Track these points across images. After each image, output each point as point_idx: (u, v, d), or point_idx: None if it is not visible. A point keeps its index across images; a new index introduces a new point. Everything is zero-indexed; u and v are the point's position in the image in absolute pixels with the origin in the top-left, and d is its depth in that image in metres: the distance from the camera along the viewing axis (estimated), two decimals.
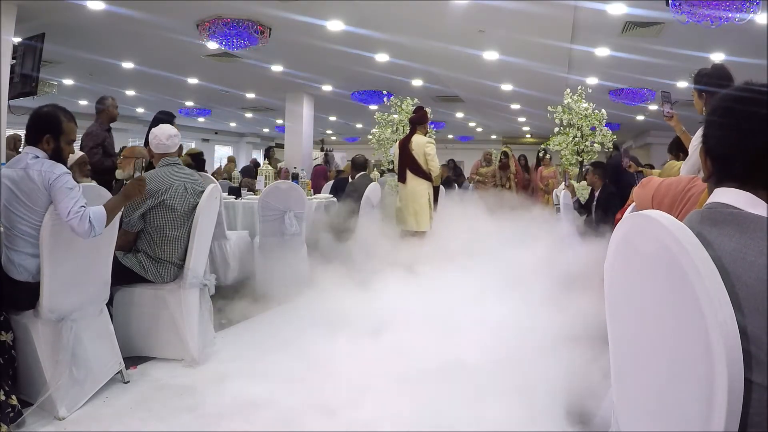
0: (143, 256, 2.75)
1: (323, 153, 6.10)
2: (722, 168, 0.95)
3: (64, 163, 2.23)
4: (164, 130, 2.93)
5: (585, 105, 6.56)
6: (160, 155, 2.91)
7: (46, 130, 2.19)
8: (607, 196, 4.76)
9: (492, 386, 2.30)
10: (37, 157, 2.16)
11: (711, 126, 0.97)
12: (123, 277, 2.67)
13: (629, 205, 3.33)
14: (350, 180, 6.27)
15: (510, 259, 4.37)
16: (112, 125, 4.53)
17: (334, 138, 20.47)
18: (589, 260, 3.92)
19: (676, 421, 0.86)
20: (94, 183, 3.84)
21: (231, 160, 11.19)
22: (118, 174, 3.62)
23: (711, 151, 0.97)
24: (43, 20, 6.02)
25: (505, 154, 8.64)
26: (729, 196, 0.90)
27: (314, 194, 6.03)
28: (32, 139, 2.20)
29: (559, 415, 2.11)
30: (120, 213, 2.45)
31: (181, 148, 3.03)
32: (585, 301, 3.09)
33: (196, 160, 4.81)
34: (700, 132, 1.55)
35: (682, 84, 9.04)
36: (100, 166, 4.18)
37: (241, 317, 3.53)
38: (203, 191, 2.89)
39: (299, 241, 4.30)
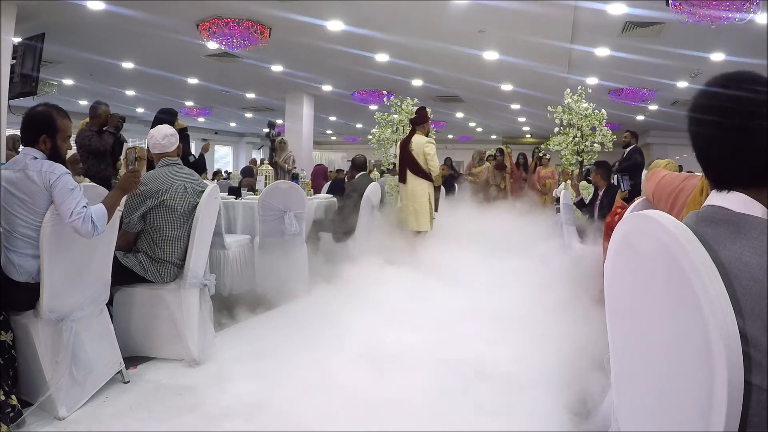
0: (143, 256, 2.75)
1: (270, 140, 5.84)
2: (708, 169, 0.95)
3: (63, 161, 2.23)
4: (160, 129, 2.95)
5: (585, 105, 6.56)
6: (159, 155, 2.92)
7: (42, 130, 2.19)
8: (611, 196, 4.74)
9: (502, 396, 2.30)
10: (36, 158, 2.15)
11: (691, 124, 0.96)
12: (123, 277, 2.67)
13: (617, 207, 3.34)
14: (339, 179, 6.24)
15: (508, 261, 4.38)
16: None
17: (334, 138, 20.48)
18: (589, 260, 3.93)
19: (676, 421, 0.86)
20: (87, 180, 3.87)
21: (253, 162, 11.15)
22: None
23: (697, 151, 0.96)
24: (43, 20, 6.03)
25: (500, 151, 8.47)
26: (723, 199, 0.90)
27: (314, 194, 6.02)
28: (29, 140, 2.20)
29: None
30: (120, 213, 2.45)
31: (179, 147, 3.02)
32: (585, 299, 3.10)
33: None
34: None
35: (682, 84, 9.05)
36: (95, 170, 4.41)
37: (241, 317, 3.53)
38: (203, 191, 2.89)
39: (299, 241, 4.30)
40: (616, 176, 5.10)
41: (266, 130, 6.03)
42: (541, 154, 8.77)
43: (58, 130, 2.22)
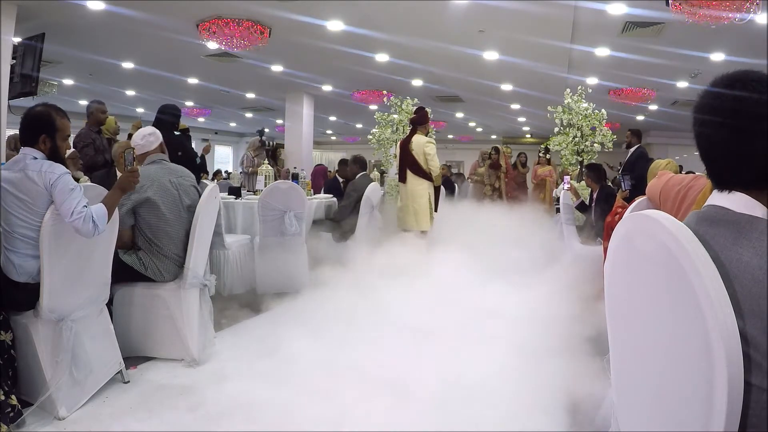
0: (142, 253, 2.77)
1: (266, 149, 5.96)
2: (711, 168, 0.94)
3: (63, 161, 2.23)
4: (140, 131, 3.02)
5: (585, 105, 6.56)
6: (142, 156, 2.96)
7: (41, 129, 2.19)
8: (606, 196, 4.77)
9: (498, 391, 2.30)
10: (36, 158, 2.16)
11: (695, 124, 0.96)
12: (123, 274, 2.67)
13: (617, 207, 3.35)
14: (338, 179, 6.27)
15: (508, 261, 4.38)
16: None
17: (334, 138, 20.48)
18: (589, 259, 3.93)
19: (676, 421, 0.86)
20: (88, 180, 3.85)
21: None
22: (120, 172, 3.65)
23: (701, 151, 0.96)
24: (43, 20, 6.03)
25: (495, 149, 8.38)
26: (724, 199, 0.90)
27: (314, 194, 6.02)
28: (28, 140, 2.20)
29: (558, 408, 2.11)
30: (119, 212, 2.46)
31: (162, 144, 3.07)
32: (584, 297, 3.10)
33: (183, 137, 4.68)
34: None
35: (682, 84, 9.05)
36: (91, 162, 4.33)
37: (241, 317, 3.53)
38: (192, 184, 2.95)
39: (299, 241, 4.30)
40: (618, 176, 5.10)
41: (258, 141, 6.10)
42: (540, 154, 8.78)
43: (58, 129, 2.22)
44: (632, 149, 6.19)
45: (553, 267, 4.30)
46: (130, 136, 4.66)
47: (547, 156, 8.78)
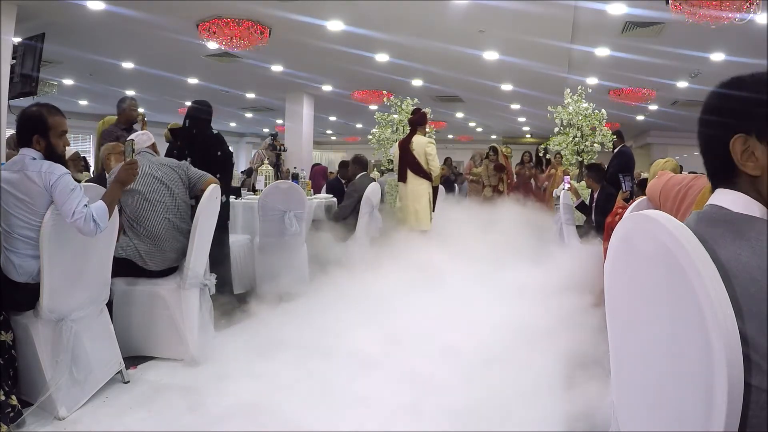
0: (124, 237, 2.78)
1: (276, 154, 5.98)
2: (709, 167, 0.95)
3: (61, 158, 2.23)
4: (135, 133, 3.09)
5: (585, 105, 6.56)
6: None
7: (33, 130, 2.19)
8: (606, 196, 4.77)
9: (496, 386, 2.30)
10: (34, 158, 2.15)
11: (698, 124, 0.97)
12: (116, 268, 2.64)
13: (617, 208, 3.35)
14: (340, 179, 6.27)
15: (507, 260, 4.38)
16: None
17: (334, 138, 20.48)
18: (589, 260, 3.93)
19: (676, 421, 0.86)
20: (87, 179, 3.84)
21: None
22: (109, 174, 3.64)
23: (701, 150, 0.96)
24: (43, 20, 6.02)
25: (494, 150, 8.28)
26: (724, 199, 0.90)
27: (314, 194, 6.02)
28: (23, 141, 2.20)
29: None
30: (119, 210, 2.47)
31: (153, 145, 3.13)
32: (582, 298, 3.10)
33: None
34: None
35: (682, 84, 9.04)
36: None
37: (241, 317, 3.53)
38: (170, 166, 2.97)
39: (299, 241, 4.30)
40: (619, 176, 5.09)
41: (269, 141, 6.09)
42: (541, 154, 8.76)
43: (50, 127, 2.21)
44: (617, 149, 6.19)
45: (552, 266, 4.30)
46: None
47: (547, 156, 8.76)
